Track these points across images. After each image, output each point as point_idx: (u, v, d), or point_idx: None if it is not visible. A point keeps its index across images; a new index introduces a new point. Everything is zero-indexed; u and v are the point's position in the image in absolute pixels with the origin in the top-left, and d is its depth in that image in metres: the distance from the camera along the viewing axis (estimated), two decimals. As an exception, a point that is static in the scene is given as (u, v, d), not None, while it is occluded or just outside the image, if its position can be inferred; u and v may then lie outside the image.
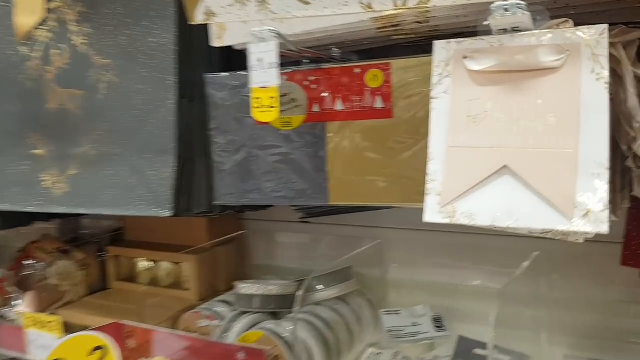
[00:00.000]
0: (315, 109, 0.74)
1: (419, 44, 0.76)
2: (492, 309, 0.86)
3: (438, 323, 0.96)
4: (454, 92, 0.57)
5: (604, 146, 0.52)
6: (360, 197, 0.74)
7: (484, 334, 0.86)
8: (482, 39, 0.56)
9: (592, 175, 0.52)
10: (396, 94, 0.70)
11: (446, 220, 0.56)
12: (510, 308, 0.89)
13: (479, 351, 0.86)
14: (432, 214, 0.56)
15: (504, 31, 0.56)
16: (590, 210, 0.52)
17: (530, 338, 0.89)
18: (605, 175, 0.52)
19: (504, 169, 0.55)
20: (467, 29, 0.69)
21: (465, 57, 0.57)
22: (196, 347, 0.88)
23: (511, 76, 0.55)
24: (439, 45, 0.58)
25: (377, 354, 0.88)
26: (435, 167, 0.57)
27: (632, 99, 0.56)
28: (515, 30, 0.55)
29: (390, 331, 0.95)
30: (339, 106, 0.73)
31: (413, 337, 0.93)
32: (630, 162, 0.60)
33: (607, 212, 0.51)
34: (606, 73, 0.52)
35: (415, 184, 0.68)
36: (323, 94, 0.73)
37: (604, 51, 0.52)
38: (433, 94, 0.58)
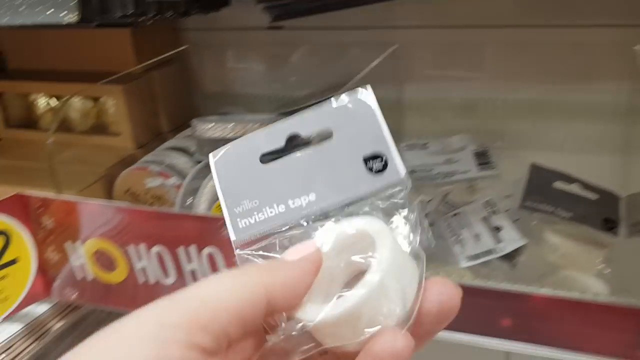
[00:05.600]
0: None
1: None
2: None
3: (482, 159, 0.71)
4: None
5: None
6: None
7: (559, 162, 0.65)
8: None
9: None
10: None
11: None
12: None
13: (560, 185, 0.64)
14: None
15: None
16: None
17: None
18: None
19: None
20: None
21: None
22: (149, 223, 0.59)
23: None
24: None
25: (428, 201, 0.64)
26: None
27: None
28: None
29: (415, 171, 0.71)
30: None
31: (446, 177, 0.70)
32: None
33: None
34: None
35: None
36: None
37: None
38: None
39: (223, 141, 0.65)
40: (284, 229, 0.31)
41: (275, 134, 0.33)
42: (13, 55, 0.86)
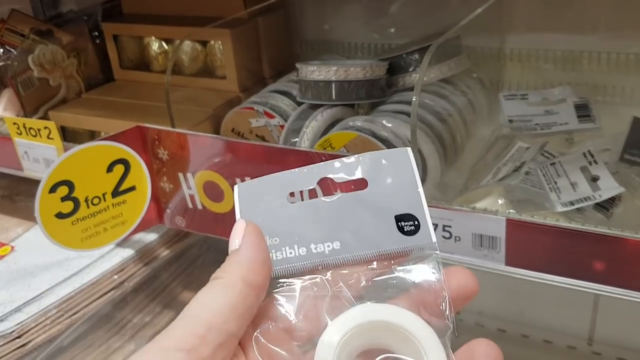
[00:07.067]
0: None
1: None
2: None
3: (583, 111, 0.71)
4: None
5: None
6: None
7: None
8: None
9: None
10: None
11: None
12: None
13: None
14: None
15: None
16: None
17: None
18: None
19: None
20: None
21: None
22: (256, 157, 0.64)
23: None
24: None
25: (526, 148, 0.65)
26: None
27: None
28: None
29: (512, 121, 0.71)
30: None
31: (545, 128, 0.70)
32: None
33: None
34: None
35: None
36: None
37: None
38: None
39: (325, 83, 0.68)
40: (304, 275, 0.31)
41: (307, 175, 0.33)
42: (127, 0, 0.92)
